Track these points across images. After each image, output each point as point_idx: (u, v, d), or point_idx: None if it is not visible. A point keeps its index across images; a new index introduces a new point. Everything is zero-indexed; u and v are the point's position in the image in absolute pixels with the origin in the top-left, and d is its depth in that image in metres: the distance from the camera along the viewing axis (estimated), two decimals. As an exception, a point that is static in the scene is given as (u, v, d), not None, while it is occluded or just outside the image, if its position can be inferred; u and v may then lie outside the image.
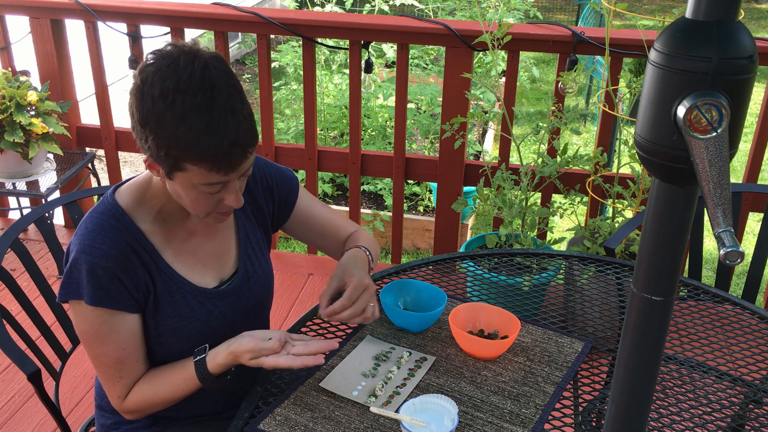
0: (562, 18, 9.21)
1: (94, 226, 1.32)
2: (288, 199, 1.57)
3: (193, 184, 1.26)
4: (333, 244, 1.65)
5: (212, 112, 1.19)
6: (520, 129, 6.24)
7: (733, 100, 0.64)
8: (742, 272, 4.06)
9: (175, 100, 1.18)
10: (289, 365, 1.29)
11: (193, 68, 1.19)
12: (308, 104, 3.11)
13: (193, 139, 1.19)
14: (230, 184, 1.29)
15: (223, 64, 1.23)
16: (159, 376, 1.39)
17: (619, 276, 1.86)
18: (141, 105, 1.20)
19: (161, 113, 1.19)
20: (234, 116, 1.20)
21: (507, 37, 2.63)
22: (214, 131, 1.19)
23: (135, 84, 1.22)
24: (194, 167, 1.22)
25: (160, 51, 1.22)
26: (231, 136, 1.20)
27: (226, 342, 1.35)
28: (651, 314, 0.73)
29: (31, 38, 3.25)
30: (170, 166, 1.24)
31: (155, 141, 1.21)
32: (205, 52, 1.23)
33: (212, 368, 1.34)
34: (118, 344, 1.34)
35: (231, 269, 1.48)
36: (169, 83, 1.18)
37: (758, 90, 6.19)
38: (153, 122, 1.20)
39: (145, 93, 1.19)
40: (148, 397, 1.38)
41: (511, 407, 1.35)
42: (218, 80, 1.20)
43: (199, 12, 3.02)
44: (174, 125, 1.18)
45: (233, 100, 1.21)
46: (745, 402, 1.49)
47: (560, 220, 4.54)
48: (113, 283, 1.30)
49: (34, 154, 3.02)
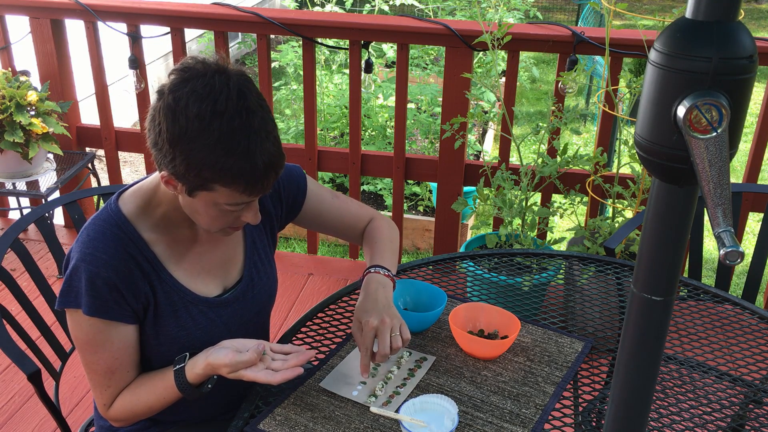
0: (562, 18, 9.21)
1: (95, 234, 1.31)
2: (296, 198, 1.56)
3: (217, 203, 1.26)
4: (349, 236, 1.65)
5: (249, 136, 1.19)
6: (520, 129, 6.24)
7: (733, 100, 0.64)
8: (742, 272, 4.06)
9: (212, 122, 1.17)
10: (268, 381, 1.28)
11: (229, 91, 1.18)
12: (308, 104, 3.11)
13: (230, 162, 1.19)
14: (253, 203, 1.30)
15: (252, 84, 1.23)
16: (142, 384, 1.38)
17: (619, 276, 1.86)
18: (173, 125, 1.18)
19: (196, 135, 1.18)
20: (268, 139, 1.21)
21: (507, 37, 2.63)
22: (252, 155, 1.19)
23: (165, 102, 1.19)
24: (225, 189, 1.22)
25: (189, 68, 1.21)
26: (266, 159, 1.21)
27: (204, 352, 1.33)
28: (651, 314, 0.73)
29: (31, 38, 3.25)
30: (197, 186, 1.23)
31: (185, 162, 1.20)
32: (233, 70, 1.22)
33: (191, 378, 1.32)
34: (111, 354, 1.33)
35: (236, 277, 1.47)
36: (206, 106, 1.17)
37: (758, 90, 6.19)
38: (186, 143, 1.18)
39: (179, 113, 1.18)
40: (131, 406, 1.37)
41: (511, 407, 1.35)
42: (253, 103, 1.20)
43: (199, 12, 3.02)
44: (209, 148, 1.18)
45: (266, 123, 1.22)
46: (745, 402, 1.49)
47: (560, 220, 4.54)
48: (112, 294, 1.29)
49: (34, 154, 3.02)
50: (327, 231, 1.65)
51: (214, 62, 1.22)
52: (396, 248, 1.62)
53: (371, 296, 1.45)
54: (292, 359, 1.32)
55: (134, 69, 3.20)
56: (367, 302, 1.43)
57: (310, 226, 1.63)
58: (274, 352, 1.34)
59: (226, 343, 1.34)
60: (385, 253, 1.58)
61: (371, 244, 1.60)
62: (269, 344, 1.35)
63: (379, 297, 1.44)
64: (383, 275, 1.50)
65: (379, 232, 1.63)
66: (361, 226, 1.65)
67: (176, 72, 1.21)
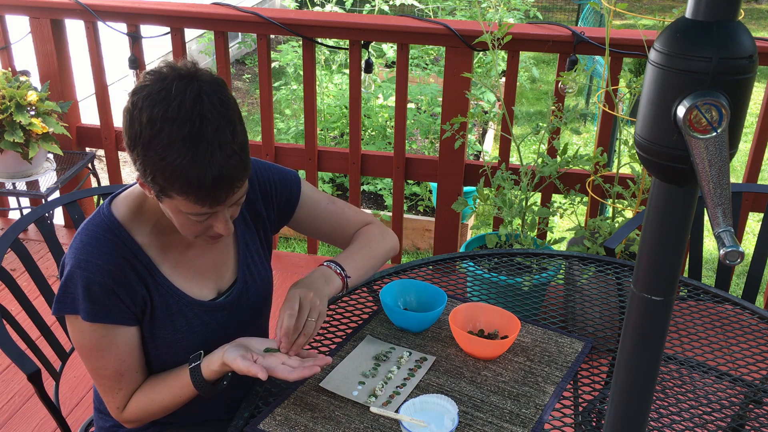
0: (562, 18, 9.21)
1: (89, 240, 1.30)
2: (288, 201, 1.53)
3: (180, 211, 1.23)
4: (339, 241, 1.61)
5: (199, 144, 1.14)
6: (520, 129, 6.23)
7: (733, 100, 0.64)
8: (742, 272, 4.06)
9: (163, 128, 1.14)
10: (285, 377, 1.27)
11: (184, 97, 1.15)
12: (308, 104, 3.11)
13: (177, 171, 1.15)
14: (219, 214, 1.26)
15: (220, 91, 1.19)
16: (156, 384, 1.38)
17: (619, 276, 1.86)
18: (130, 128, 1.18)
19: (148, 140, 1.16)
20: (222, 150, 1.15)
21: (507, 37, 2.63)
22: (199, 165, 1.15)
23: (126, 105, 1.19)
24: (179, 197, 1.20)
25: (156, 72, 1.19)
26: (215, 170, 1.15)
27: (220, 348, 1.32)
28: (651, 314, 0.73)
29: (31, 38, 3.25)
30: (158, 191, 1.22)
31: (142, 166, 1.19)
32: (205, 75, 1.18)
33: (207, 375, 1.32)
34: (118, 357, 1.33)
35: (230, 279, 1.46)
36: (157, 111, 1.14)
37: (758, 90, 6.19)
38: (140, 147, 1.17)
39: (134, 117, 1.16)
40: (147, 407, 1.37)
41: (511, 407, 1.35)
42: (209, 111, 1.15)
43: (199, 12, 3.02)
44: (159, 154, 1.15)
45: (222, 132, 1.16)
46: (745, 402, 1.49)
47: (560, 220, 4.54)
48: (110, 298, 1.28)
49: (34, 154, 3.01)
50: (321, 236, 1.61)
51: (184, 67, 1.19)
52: (375, 254, 1.55)
53: (306, 281, 1.41)
54: (309, 360, 1.32)
55: (134, 69, 3.21)
56: (301, 281, 1.40)
57: (305, 231, 1.60)
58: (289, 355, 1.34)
59: (243, 341, 1.34)
60: (352, 254, 1.52)
61: (349, 244, 1.56)
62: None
63: (314, 283, 1.40)
64: (333, 271, 1.45)
65: (363, 234, 1.58)
66: (350, 233, 1.60)
67: (144, 75, 1.20)
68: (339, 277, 1.45)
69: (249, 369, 1.25)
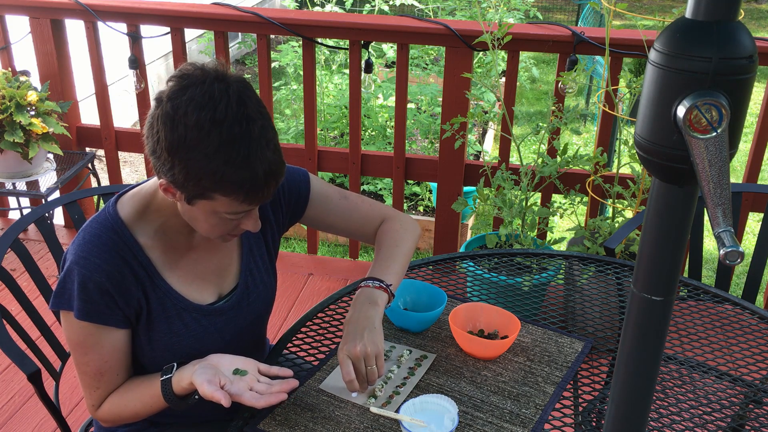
0: (562, 18, 9.21)
1: (91, 237, 1.30)
2: (298, 201, 1.52)
3: (216, 211, 1.24)
4: (359, 237, 1.61)
5: (249, 144, 1.17)
6: (520, 129, 6.24)
7: (733, 100, 0.64)
8: (742, 272, 4.06)
9: (211, 131, 1.15)
10: (252, 404, 1.26)
11: (228, 99, 1.17)
12: (308, 104, 3.11)
13: (229, 171, 1.17)
14: (253, 211, 1.29)
15: (252, 91, 1.22)
16: (130, 390, 1.37)
17: (619, 276, 1.86)
18: (172, 133, 1.16)
19: (195, 144, 1.16)
20: (268, 147, 1.19)
21: (507, 37, 2.63)
22: (252, 164, 1.18)
23: (164, 110, 1.17)
24: (224, 198, 1.21)
25: (188, 75, 1.18)
26: (266, 167, 1.19)
27: (191, 365, 1.30)
28: (651, 314, 0.73)
29: (31, 38, 3.25)
30: (196, 194, 1.22)
31: (184, 170, 1.18)
32: (233, 76, 1.21)
33: (177, 390, 1.30)
34: (101, 357, 1.33)
35: (231, 284, 1.45)
36: (205, 114, 1.15)
37: (758, 90, 6.19)
38: (184, 152, 1.17)
39: (177, 122, 1.16)
40: (119, 410, 1.37)
41: (511, 407, 1.35)
42: (253, 111, 1.19)
43: (199, 12, 3.02)
44: (208, 157, 1.16)
45: (266, 130, 1.20)
46: (745, 402, 1.49)
47: (560, 220, 4.54)
48: (103, 299, 1.28)
49: (34, 154, 3.02)
50: (335, 232, 1.62)
51: (214, 68, 1.20)
52: (404, 251, 1.56)
53: (354, 317, 1.40)
54: (276, 386, 1.30)
55: (134, 69, 3.21)
56: (349, 326, 1.39)
57: (318, 227, 1.60)
58: (261, 373, 1.33)
59: (213, 360, 1.31)
60: (385, 261, 1.52)
61: (377, 250, 1.56)
62: (259, 365, 1.34)
63: (361, 319, 1.39)
64: (374, 287, 1.45)
65: (387, 235, 1.58)
66: (372, 228, 1.60)
67: (174, 79, 1.19)
68: (382, 290, 1.45)
69: (213, 395, 1.22)
